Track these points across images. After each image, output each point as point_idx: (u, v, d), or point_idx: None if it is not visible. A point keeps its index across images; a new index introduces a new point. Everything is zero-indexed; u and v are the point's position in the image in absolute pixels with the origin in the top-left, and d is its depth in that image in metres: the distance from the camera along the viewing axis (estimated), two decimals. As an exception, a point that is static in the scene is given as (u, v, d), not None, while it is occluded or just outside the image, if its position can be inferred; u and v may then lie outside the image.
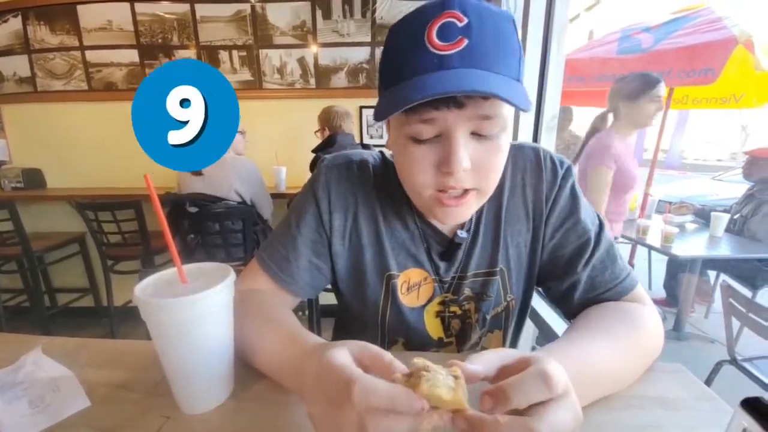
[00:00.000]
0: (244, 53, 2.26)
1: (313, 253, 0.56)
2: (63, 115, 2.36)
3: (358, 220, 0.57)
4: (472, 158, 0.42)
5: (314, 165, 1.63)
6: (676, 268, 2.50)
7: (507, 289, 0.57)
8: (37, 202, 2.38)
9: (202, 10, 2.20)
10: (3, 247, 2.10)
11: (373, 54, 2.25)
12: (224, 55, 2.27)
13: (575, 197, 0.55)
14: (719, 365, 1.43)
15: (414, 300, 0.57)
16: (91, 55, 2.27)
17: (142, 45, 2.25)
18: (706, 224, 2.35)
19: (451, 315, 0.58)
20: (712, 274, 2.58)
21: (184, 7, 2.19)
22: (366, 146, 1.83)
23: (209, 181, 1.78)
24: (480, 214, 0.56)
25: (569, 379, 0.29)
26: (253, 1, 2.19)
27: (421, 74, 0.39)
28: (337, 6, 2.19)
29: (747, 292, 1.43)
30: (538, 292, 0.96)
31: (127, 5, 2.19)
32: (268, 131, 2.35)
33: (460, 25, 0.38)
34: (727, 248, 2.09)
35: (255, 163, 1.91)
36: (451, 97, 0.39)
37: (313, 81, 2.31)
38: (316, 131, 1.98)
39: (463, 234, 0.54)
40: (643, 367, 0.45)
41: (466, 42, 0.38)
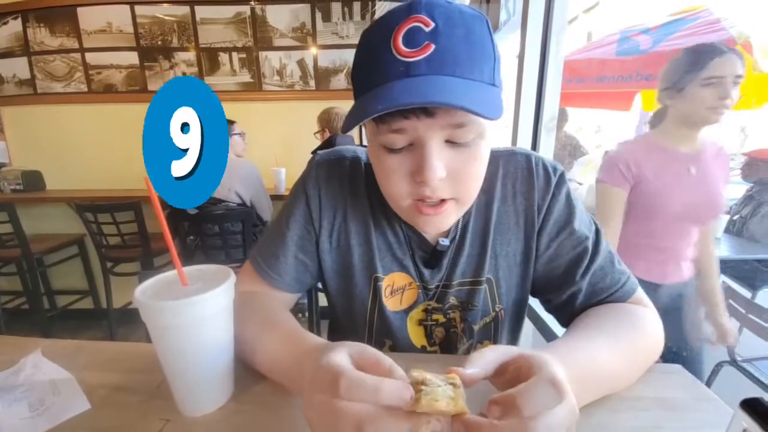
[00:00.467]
0: (244, 55, 2.27)
1: (299, 249, 0.56)
2: (63, 117, 2.37)
3: (348, 218, 0.56)
4: (447, 167, 0.41)
5: (314, 166, 1.63)
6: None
7: (495, 299, 0.55)
8: (37, 204, 2.38)
9: (201, 12, 2.21)
10: (2, 250, 2.10)
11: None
12: (224, 57, 2.27)
13: (570, 205, 0.53)
14: (719, 366, 1.43)
15: (397, 304, 0.56)
16: (91, 57, 2.28)
17: (142, 47, 2.26)
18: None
19: (433, 323, 0.56)
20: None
21: (184, 9, 2.20)
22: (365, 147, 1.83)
23: (209, 183, 1.78)
24: (467, 222, 0.54)
25: (569, 379, 0.29)
26: (252, 3, 2.20)
27: (387, 82, 0.38)
28: (336, 8, 2.20)
29: (746, 293, 1.43)
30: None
31: (126, 7, 2.19)
32: (268, 133, 2.35)
33: (427, 29, 0.37)
34: (726, 249, 2.09)
35: (255, 164, 1.91)
36: (420, 106, 0.37)
37: (312, 83, 2.31)
38: (316, 132, 1.98)
39: (445, 242, 0.53)
40: (644, 367, 0.45)
41: (433, 47, 0.37)
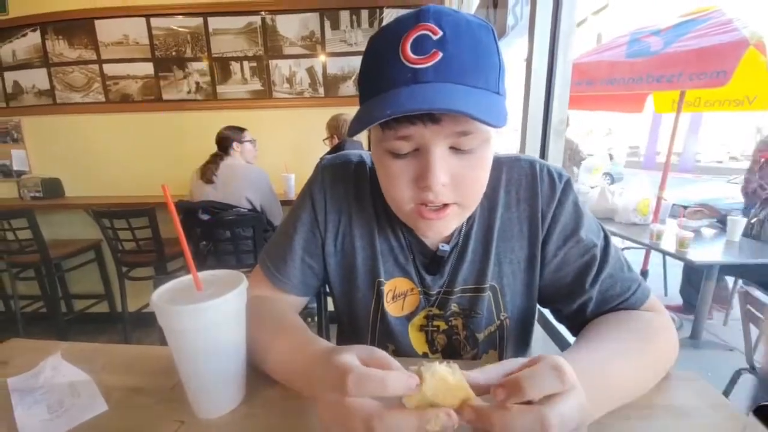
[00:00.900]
0: (255, 64, 2.31)
1: (306, 252, 0.57)
2: (81, 126, 2.43)
3: (353, 222, 0.56)
4: (451, 173, 0.41)
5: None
6: (692, 274, 2.44)
7: (500, 307, 0.55)
8: (56, 211, 2.45)
9: (214, 23, 2.26)
10: (22, 255, 2.15)
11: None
12: (235, 66, 2.32)
13: (578, 213, 0.52)
14: (738, 374, 1.39)
15: (398, 309, 0.56)
16: (109, 69, 2.35)
17: (157, 58, 2.32)
18: (723, 229, 2.30)
19: (434, 329, 0.56)
20: (730, 280, 2.51)
21: (197, 21, 2.26)
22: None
23: (221, 189, 1.81)
24: (470, 229, 0.54)
25: (582, 388, 0.29)
26: (263, 13, 2.24)
27: (395, 88, 0.38)
28: (344, 16, 2.23)
29: (766, 299, 1.39)
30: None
31: (143, 20, 2.26)
32: (278, 139, 2.39)
33: (435, 38, 0.37)
34: (744, 253, 2.03)
35: (265, 170, 1.94)
36: (427, 113, 0.37)
37: (321, 90, 2.34)
38: (325, 139, 2.00)
39: (445, 248, 0.53)
40: (658, 376, 0.44)
41: (440, 55, 0.37)
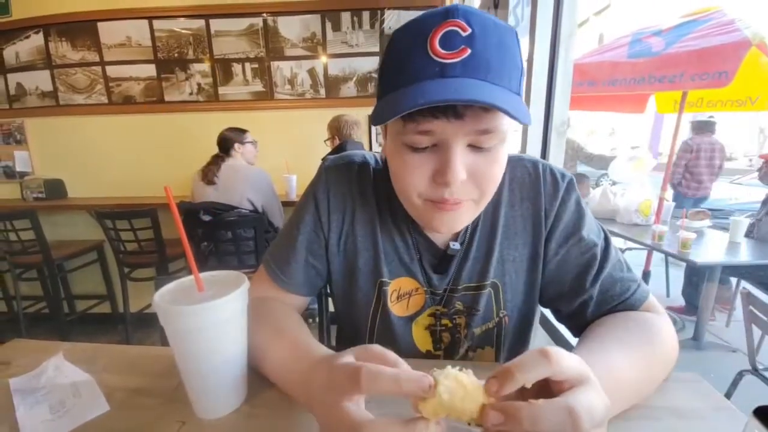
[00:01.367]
0: (256, 65, 2.32)
1: (309, 253, 0.57)
2: (83, 127, 2.45)
3: (355, 222, 0.56)
4: (468, 169, 0.42)
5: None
6: (694, 275, 2.43)
7: (500, 304, 0.55)
8: (58, 212, 2.46)
9: (216, 24, 2.27)
10: (24, 256, 2.16)
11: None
12: (237, 67, 2.33)
13: (580, 212, 0.53)
14: (740, 375, 1.38)
15: (403, 309, 0.56)
16: (111, 70, 2.36)
17: (159, 60, 2.33)
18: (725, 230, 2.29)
19: (442, 329, 0.56)
20: (733, 280, 2.50)
21: (200, 23, 2.27)
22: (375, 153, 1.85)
23: (222, 190, 1.81)
24: (475, 227, 0.54)
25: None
26: (265, 15, 2.25)
27: (422, 81, 0.38)
28: (346, 18, 2.24)
29: (769, 300, 1.38)
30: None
31: (145, 22, 2.27)
32: (280, 140, 2.39)
33: (464, 34, 0.37)
34: (747, 254, 2.02)
35: (266, 171, 1.95)
36: (450, 107, 0.38)
37: (323, 91, 2.35)
38: (326, 140, 2.01)
39: (456, 246, 0.53)
40: (661, 377, 0.44)
41: (468, 51, 0.37)
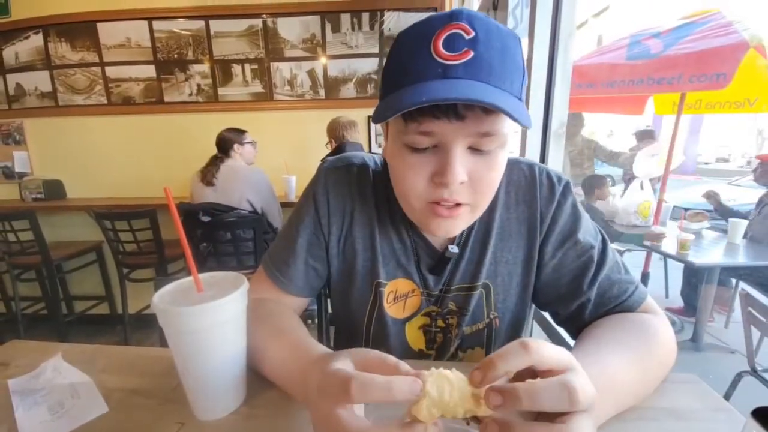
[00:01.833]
0: (256, 66, 2.32)
1: (309, 255, 0.57)
2: (83, 128, 2.44)
3: (354, 224, 0.56)
4: (467, 172, 0.42)
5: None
6: (693, 276, 2.44)
7: (491, 305, 0.55)
8: (57, 212, 2.45)
9: (216, 25, 2.27)
10: (23, 256, 2.16)
11: (381, 65, 2.29)
12: (237, 68, 2.33)
13: (576, 215, 0.53)
14: (739, 376, 1.38)
15: (399, 311, 0.56)
16: (111, 71, 2.36)
17: (159, 60, 2.33)
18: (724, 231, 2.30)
19: (437, 329, 0.56)
20: (732, 281, 2.50)
21: (199, 24, 2.27)
22: (374, 154, 1.85)
23: (221, 191, 1.81)
24: (471, 229, 0.55)
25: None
26: (264, 16, 2.25)
27: (424, 81, 0.38)
28: (345, 19, 2.24)
29: (767, 301, 1.38)
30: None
31: (145, 23, 2.27)
32: (279, 141, 2.39)
33: (467, 37, 0.38)
34: (745, 255, 2.03)
35: (266, 172, 1.95)
36: (452, 108, 0.38)
37: (322, 92, 2.35)
38: (327, 143, 2.01)
39: (454, 249, 0.53)
40: (660, 378, 0.44)
41: (471, 54, 0.38)
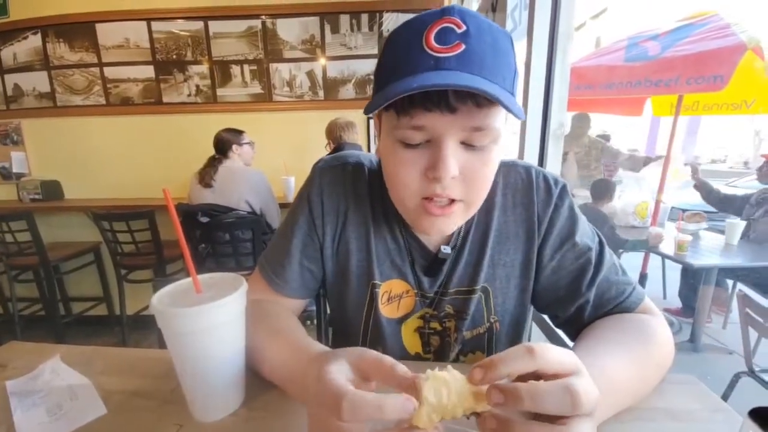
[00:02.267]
0: (255, 67, 2.32)
1: (304, 256, 0.57)
2: (81, 128, 2.44)
3: (348, 224, 0.56)
4: (460, 167, 0.42)
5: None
6: (691, 277, 2.44)
7: (490, 309, 0.55)
8: (55, 213, 2.44)
9: (215, 26, 2.27)
10: (21, 257, 2.15)
11: (379, 64, 2.30)
12: (236, 69, 2.33)
13: (573, 217, 0.53)
14: (737, 377, 1.39)
15: (393, 311, 0.56)
16: (109, 72, 2.35)
17: (158, 61, 2.33)
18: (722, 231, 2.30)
19: (431, 331, 0.56)
20: (729, 282, 2.51)
21: (198, 25, 2.27)
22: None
23: (220, 192, 1.81)
24: (468, 231, 0.54)
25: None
26: (263, 17, 2.25)
27: (417, 73, 0.39)
28: (344, 20, 2.25)
29: (765, 302, 1.39)
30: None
31: (143, 23, 2.27)
32: (278, 142, 2.39)
33: (459, 31, 0.38)
34: (743, 256, 2.04)
35: (265, 172, 1.95)
36: (444, 100, 0.38)
37: (321, 93, 2.35)
38: (326, 145, 2.01)
39: (447, 250, 0.53)
40: (658, 377, 0.44)
41: (463, 47, 0.38)
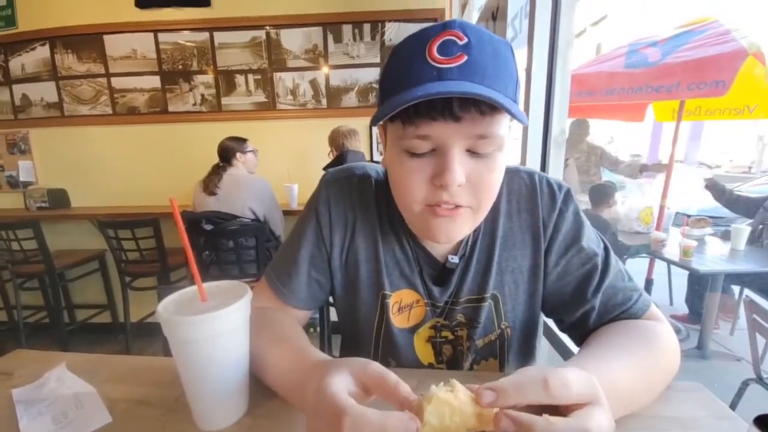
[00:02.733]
0: (259, 76, 2.35)
1: (312, 267, 0.57)
2: (88, 137, 2.47)
3: (356, 235, 0.56)
4: (467, 175, 0.42)
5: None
6: (697, 283, 2.42)
7: (501, 316, 0.55)
8: (61, 221, 2.46)
9: (220, 37, 2.31)
10: (27, 265, 2.17)
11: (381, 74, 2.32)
12: (240, 78, 2.36)
13: (578, 222, 0.53)
14: (745, 384, 1.37)
15: (404, 321, 0.56)
16: (116, 82, 2.39)
17: (164, 71, 2.36)
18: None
19: (443, 341, 0.56)
20: (736, 288, 2.48)
21: (204, 36, 2.31)
22: (375, 163, 1.86)
23: (224, 200, 1.82)
24: (476, 239, 0.54)
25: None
26: (268, 28, 2.29)
27: (420, 84, 0.39)
28: (347, 30, 2.28)
29: (772, 308, 1.37)
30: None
31: (150, 35, 2.31)
32: (281, 150, 2.41)
33: (460, 43, 0.39)
34: (749, 262, 2.02)
35: (268, 180, 1.96)
36: (448, 109, 0.39)
37: (324, 101, 2.38)
38: (329, 153, 2.03)
39: (454, 259, 0.53)
40: (663, 385, 0.44)
41: (465, 58, 0.39)
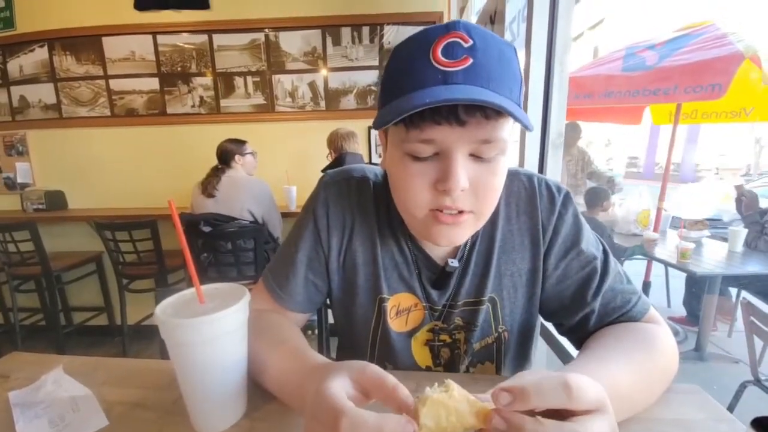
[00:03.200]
0: (258, 79, 2.36)
1: (309, 270, 0.57)
2: (86, 139, 2.46)
3: (354, 238, 0.56)
4: (470, 179, 0.42)
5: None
6: (695, 285, 2.42)
7: (499, 319, 0.55)
8: (58, 223, 2.45)
9: (219, 39, 2.31)
10: (23, 267, 2.16)
11: (380, 77, 2.32)
12: (239, 80, 2.36)
13: (578, 225, 0.53)
14: (743, 386, 1.37)
15: (402, 325, 0.55)
16: (115, 84, 2.39)
17: (163, 73, 2.36)
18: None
19: (440, 344, 0.56)
20: (733, 291, 2.49)
21: (203, 38, 2.31)
22: (374, 165, 1.87)
23: (222, 202, 1.82)
24: (474, 242, 0.54)
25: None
26: (267, 30, 2.29)
27: (425, 88, 0.39)
28: (346, 33, 2.28)
29: (769, 310, 1.38)
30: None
31: (149, 37, 2.31)
32: (280, 152, 2.41)
33: (466, 45, 0.38)
34: (747, 264, 2.02)
35: (267, 182, 1.96)
36: (453, 114, 0.38)
37: (323, 103, 2.38)
38: (327, 155, 2.03)
39: (454, 263, 0.52)
40: (662, 388, 0.44)
41: (470, 61, 0.38)
